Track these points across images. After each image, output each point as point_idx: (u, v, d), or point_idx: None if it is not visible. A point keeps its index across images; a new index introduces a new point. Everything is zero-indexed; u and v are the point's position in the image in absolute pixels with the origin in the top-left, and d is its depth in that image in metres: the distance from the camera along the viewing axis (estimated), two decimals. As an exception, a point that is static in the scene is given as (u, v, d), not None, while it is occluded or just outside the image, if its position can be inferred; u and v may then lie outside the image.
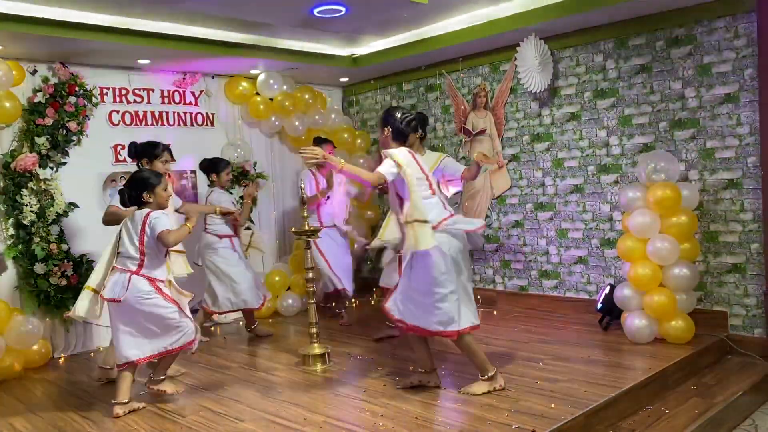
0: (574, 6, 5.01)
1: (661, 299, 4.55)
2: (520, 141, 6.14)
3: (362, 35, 6.12)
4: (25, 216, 5.12)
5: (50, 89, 5.28)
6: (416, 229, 3.59)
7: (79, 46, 5.04)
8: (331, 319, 6.10)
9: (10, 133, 5.24)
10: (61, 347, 5.41)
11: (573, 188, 5.77)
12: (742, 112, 4.77)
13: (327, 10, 4.91)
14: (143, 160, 4.46)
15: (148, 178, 3.87)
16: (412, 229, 3.60)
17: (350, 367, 4.60)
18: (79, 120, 5.42)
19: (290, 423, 3.54)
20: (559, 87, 5.82)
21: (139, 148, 4.50)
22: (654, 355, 4.43)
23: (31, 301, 5.19)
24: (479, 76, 6.44)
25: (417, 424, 3.41)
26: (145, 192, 3.84)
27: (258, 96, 6.70)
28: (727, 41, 4.81)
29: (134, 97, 6.02)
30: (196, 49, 5.48)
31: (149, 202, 3.86)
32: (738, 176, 4.82)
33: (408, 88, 7.18)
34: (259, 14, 5.08)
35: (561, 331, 5.22)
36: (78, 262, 5.35)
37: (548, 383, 3.93)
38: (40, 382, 4.75)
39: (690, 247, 4.67)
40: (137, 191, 3.84)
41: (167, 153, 4.56)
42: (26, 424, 3.85)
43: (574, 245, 5.82)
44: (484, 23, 5.59)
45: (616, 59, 5.43)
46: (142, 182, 3.85)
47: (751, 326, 4.81)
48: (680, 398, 4.01)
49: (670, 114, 5.14)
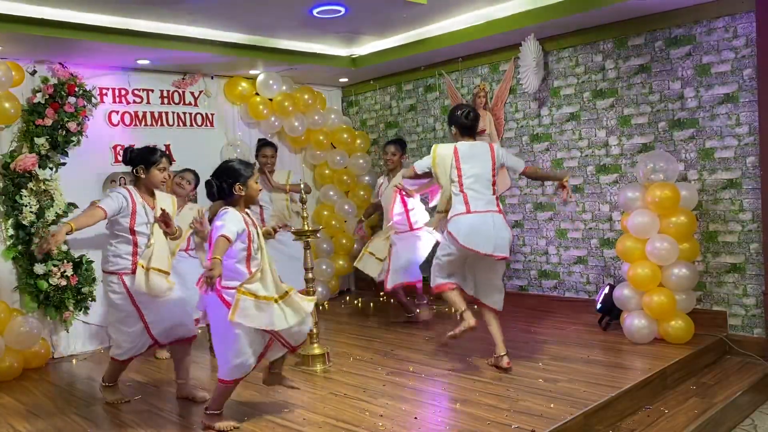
0: (573, 6, 5.01)
1: (661, 299, 4.56)
2: (519, 141, 6.15)
3: (362, 35, 6.13)
4: (25, 216, 5.11)
5: (50, 90, 5.28)
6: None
7: (79, 47, 5.04)
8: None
9: (10, 133, 5.24)
10: (61, 347, 5.41)
11: (572, 188, 5.78)
12: (741, 112, 4.77)
13: (326, 11, 4.92)
14: (139, 167, 3.94)
15: (240, 169, 3.49)
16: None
17: (350, 367, 4.60)
18: (79, 120, 5.42)
19: (290, 423, 3.54)
20: (559, 87, 5.82)
21: (135, 154, 3.98)
22: (653, 355, 4.43)
23: (31, 302, 5.19)
24: (478, 77, 6.44)
25: (416, 424, 3.42)
26: (237, 183, 3.45)
27: (257, 96, 6.70)
28: (726, 41, 4.82)
29: (134, 97, 6.02)
30: (196, 49, 5.48)
31: (241, 195, 3.47)
32: (737, 176, 4.82)
33: (407, 88, 7.18)
34: (258, 14, 5.08)
35: (560, 331, 5.23)
36: (77, 262, 5.35)
37: (548, 383, 3.93)
38: (39, 382, 4.75)
39: (689, 247, 4.68)
40: (229, 182, 3.44)
41: (165, 159, 4.03)
42: (26, 424, 3.85)
43: (574, 245, 5.82)
44: (484, 23, 5.60)
45: (616, 59, 5.43)
46: (234, 173, 3.46)
47: (750, 326, 4.82)
48: (679, 398, 4.01)
49: (669, 114, 5.15)
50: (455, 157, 4.23)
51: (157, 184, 4.01)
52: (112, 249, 3.92)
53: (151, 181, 3.97)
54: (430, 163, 4.35)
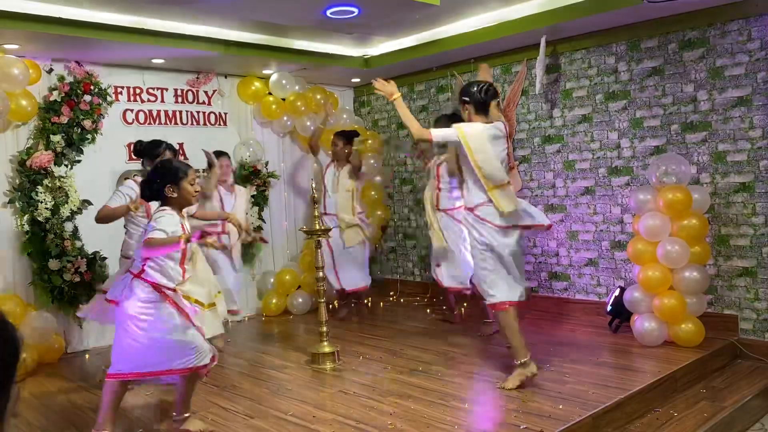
0: (586, 8, 5.01)
1: (671, 302, 4.55)
2: (531, 142, 6.15)
3: (374, 36, 6.15)
4: (40, 213, 5.18)
5: (66, 88, 5.35)
6: None
7: (95, 45, 5.10)
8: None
9: (26, 130, 5.31)
10: (74, 343, 5.47)
11: (584, 190, 5.77)
12: (755, 116, 4.75)
13: (340, 11, 4.94)
14: (145, 159, 4.26)
15: (175, 169, 3.33)
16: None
17: (359, 365, 4.62)
18: (94, 118, 5.48)
19: (299, 420, 3.57)
20: (571, 89, 5.82)
21: (142, 147, 4.36)
22: (663, 358, 4.42)
23: (45, 297, 5.25)
24: (491, 78, 6.44)
25: (425, 423, 3.43)
26: (168, 185, 3.29)
27: (270, 96, 6.74)
28: (740, 44, 4.80)
29: (148, 96, 6.07)
30: (210, 48, 5.53)
31: (172, 197, 3.31)
32: (750, 180, 4.80)
33: (419, 88, 7.19)
34: (272, 15, 5.11)
35: (570, 333, 5.23)
36: (91, 259, 5.41)
37: (557, 384, 3.94)
38: (53, 376, 4.81)
39: (700, 251, 4.66)
40: (160, 183, 3.29)
41: (169, 152, 4.26)
42: (40, 417, 3.90)
43: (585, 247, 5.82)
44: (496, 25, 5.60)
45: (628, 61, 5.42)
46: (168, 173, 3.32)
47: (761, 330, 4.79)
48: (689, 401, 4.01)
49: (682, 117, 5.13)
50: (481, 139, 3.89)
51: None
52: (131, 234, 4.21)
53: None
54: (457, 139, 3.90)
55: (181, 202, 3.35)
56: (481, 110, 3.98)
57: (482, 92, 3.96)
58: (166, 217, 3.23)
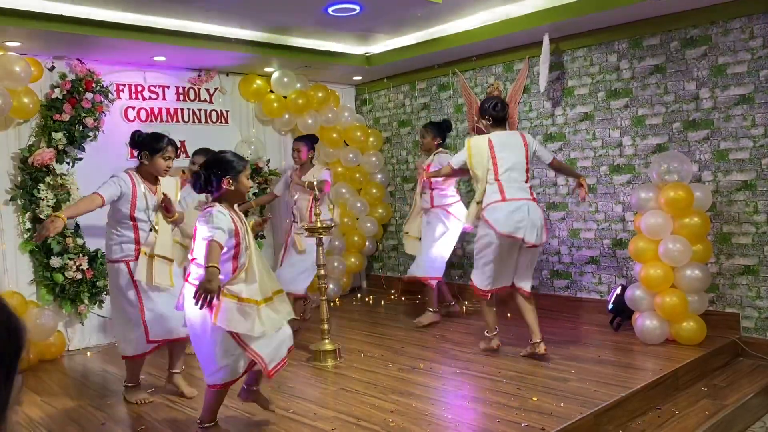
0: (588, 6, 5.00)
1: (673, 300, 4.54)
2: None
3: (376, 34, 6.15)
4: (42, 210, 5.18)
5: (67, 85, 5.35)
6: None
7: (97, 43, 5.10)
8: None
9: (28, 128, 5.32)
10: (76, 340, 5.48)
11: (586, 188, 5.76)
12: (757, 114, 4.75)
13: (342, 9, 4.94)
14: (143, 153, 3.89)
15: (235, 161, 3.23)
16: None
17: (361, 363, 4.63)
18: (96, 116, 5.49)
19: (301, 418, 3.57)
20: (573, 87, 5.81)
21: (142, 138, 3.92)
22: (665, 356, 4.42)
23: (47, 294, 5.27)
24: (492, 75, 6.44)
25: (427, 420, 3.43)
26: (227, 177, 3.19)
27: (272, 94, 6.74)
28: (742, 42, 4.79)
29: (150, 93, 6.08)
30: (211, 46, 5.53)
31: (230, 189, 3.21)
32: (752, 178, 4.79)
33: (421, 86, 7.19)
34: (274, 12, 5.11)
35: (572, 331, 5.22)
36: (93, 256, 5.42)
37: (558, 382, 3.94)
38: (54, 373, 4.82)
39: (702, 249, 4.66)
40: (220, 175, 3.18)
41: (171, 148, 3.95)
42: (41, 414, 3.91)
43: (586, 245, 5.81)
44: (498, 22, 5.60)
45: (630, 59, 5.41)
46: (228, 164, 3.21)
47: (763, 329, 4.79)
48: (690, 399, 4.00)
49: (684, 115, 5.12)
50: (490, 147, 4.42)
51: (159, 172, 3.91)
52: (115, 237, 3.88)
53: (154, 168, 3.90)
54: (466, 156, 4.52)
55: (236, 196, 3.27)
56: (498, 123, 4.55)
57: (494, 108, 4.52)
58: (218, 215, 3.08)
